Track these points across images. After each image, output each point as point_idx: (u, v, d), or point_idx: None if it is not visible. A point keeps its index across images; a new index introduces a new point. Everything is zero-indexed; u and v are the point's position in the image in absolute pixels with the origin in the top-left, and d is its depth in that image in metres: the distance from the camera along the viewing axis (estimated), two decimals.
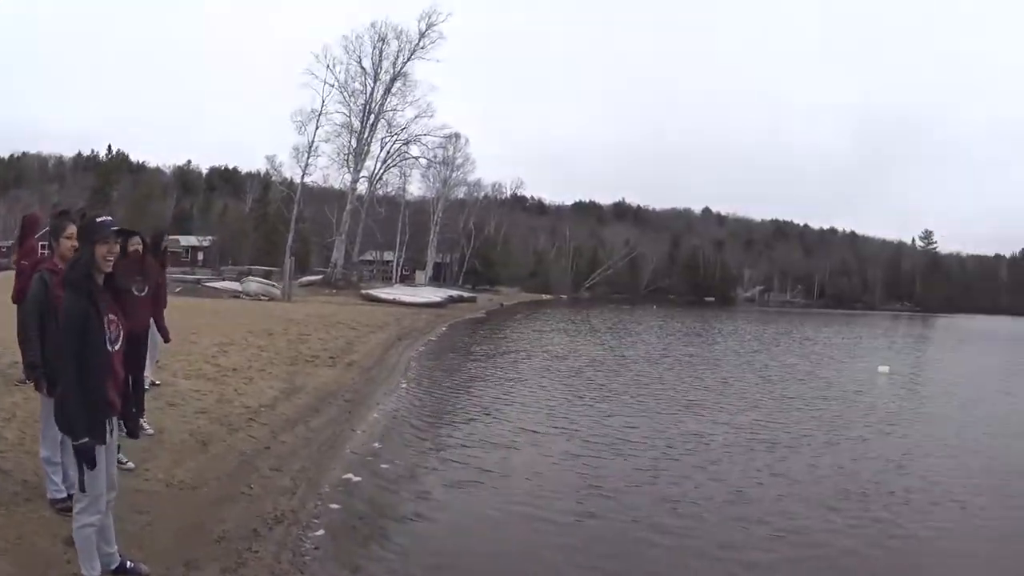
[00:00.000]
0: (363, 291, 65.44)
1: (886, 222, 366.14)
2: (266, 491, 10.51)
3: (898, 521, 11.15)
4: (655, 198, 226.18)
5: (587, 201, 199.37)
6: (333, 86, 73.85)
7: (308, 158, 73.34)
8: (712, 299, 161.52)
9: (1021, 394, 27.42)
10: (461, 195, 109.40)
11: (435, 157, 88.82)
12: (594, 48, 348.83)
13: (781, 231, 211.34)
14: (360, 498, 11.14)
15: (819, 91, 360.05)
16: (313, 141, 73.06)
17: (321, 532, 9.49)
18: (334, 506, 10.59)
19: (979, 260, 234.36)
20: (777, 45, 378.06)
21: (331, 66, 74.31)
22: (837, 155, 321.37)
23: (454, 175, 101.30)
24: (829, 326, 76.50)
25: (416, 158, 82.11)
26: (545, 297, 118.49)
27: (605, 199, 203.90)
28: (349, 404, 17.68)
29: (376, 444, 14.47)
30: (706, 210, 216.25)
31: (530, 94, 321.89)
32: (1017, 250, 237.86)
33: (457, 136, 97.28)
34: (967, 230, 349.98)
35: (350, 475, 12.17)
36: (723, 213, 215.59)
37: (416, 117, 77.44)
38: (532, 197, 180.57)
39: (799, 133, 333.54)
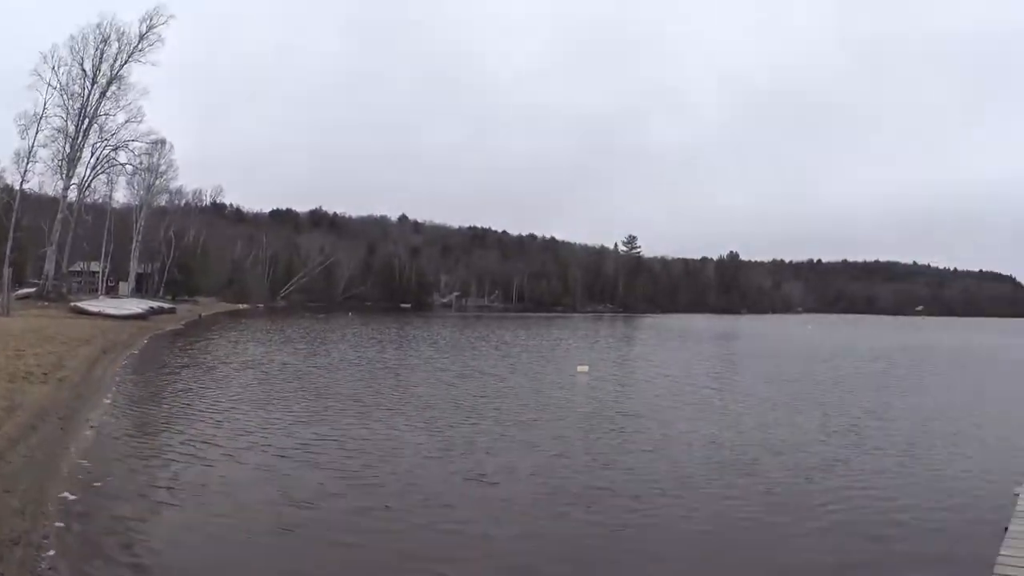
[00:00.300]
0: (72, 304, 62.30)
1: (589, 229, 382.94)
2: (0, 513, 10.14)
3: (604, 514, 11.53)
4: (352, 206, 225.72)
5: (284, 209, 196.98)
6: (56, 88, 70.22)
7: (27, 164, 69.50)
8: (408, 305, 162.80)
9: (712, 386, 29.11)
10: (163, 203, 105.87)
11: (141, 163, 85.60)
12: (290, 54, 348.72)
13: (479, 237, 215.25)
14: (80, 517, 10.70)
15: (526, 100, 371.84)
16: (33, 146, 69.24)
17: (52, 552, 9.16)
18: (59, 524, 10.18)
19: (685, 263, 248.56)
20: (493, 47, 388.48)
21: (56, 67, 70.43)
22: (541, 163, 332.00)
23: (157, 182, 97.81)
24: (527, 329, 78.32)
25: (123, 164, 78.96)
26: (242, 307, 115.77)
27: (302, 206, 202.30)
28: (62, 421, 16.68)
29: (86, 462, 13.67)
30: (403, 217, 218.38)
31: (228, 100, 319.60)
32: (724, 253, 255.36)
33: (163, 142, 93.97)
34: (673, 235, 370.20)
35: (67, 494, 11.65)
36: (420, 220, 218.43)
37: (126, 122, 74.35)
38: (231, 205, 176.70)
39: (502, 140, 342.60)
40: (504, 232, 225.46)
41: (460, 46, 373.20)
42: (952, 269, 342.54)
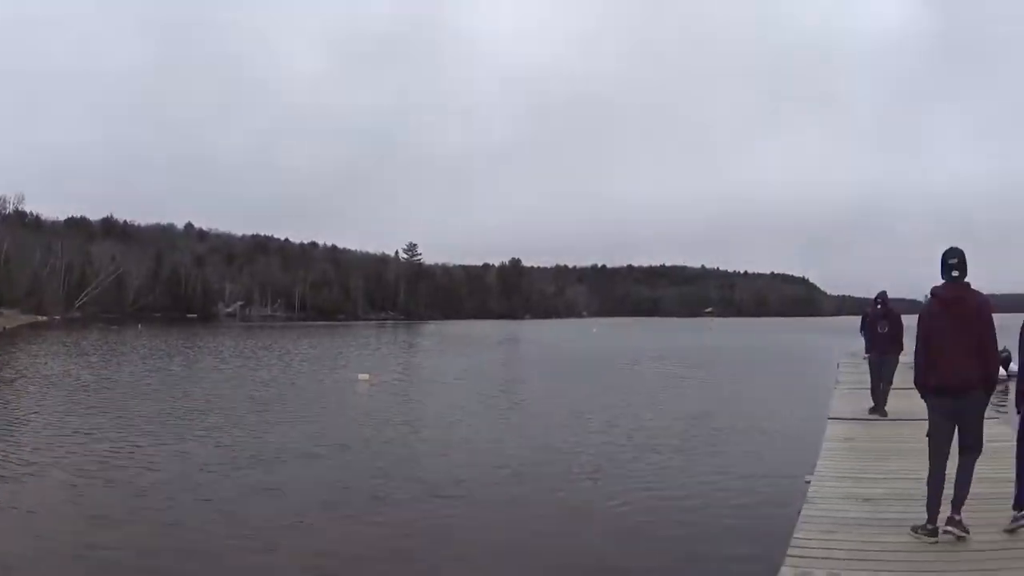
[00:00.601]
0: None
1: (371, 236, 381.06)
2: None
3: (388, 522, 11.42)
4: (142, 213, 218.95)
5: (79, 217, 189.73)
6: None
7: None
8: (195, 316, 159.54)
9: (495, 391, 29.55)
10: None
11: None
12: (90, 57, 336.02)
13: (262, 246, 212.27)
14: None
15: (311, 104, 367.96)
16: None
17: None
18: None
19: (466, 269, 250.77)
20: (276, 50, 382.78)
21: None
22: (324, 169, 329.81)
23: None
24: (309, 338, 78.00)
25: None
26: (41, 319, 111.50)
27: (97, 214, 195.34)
28: None
29: None
30: (188, 225, 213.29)
31: (32, 102, 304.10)
32: (506, 260, 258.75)
33: None
34: (455, 241, 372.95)
35: None
36: (205, 228, 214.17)
37: None
38: (31, 213, 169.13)
39: (287, 146, 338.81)
40: (287, 240, 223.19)
41: (244, 49, 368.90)
42: (743, 272, 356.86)
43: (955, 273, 7.36)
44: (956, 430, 7.38)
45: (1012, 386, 18.88)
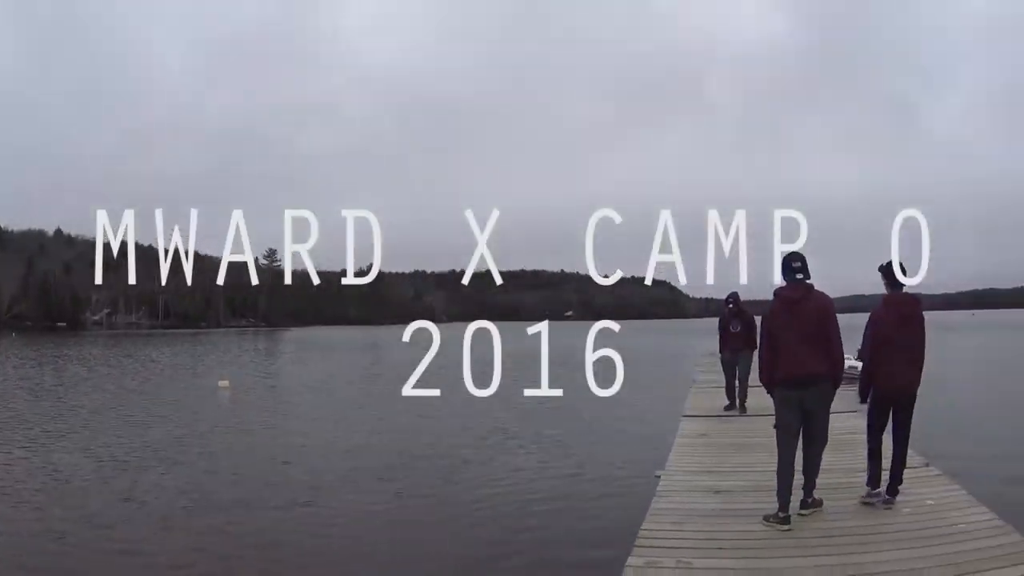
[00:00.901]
0: None
1: (234, 242, 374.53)
2: None
3: (251, 525, 11.42)
4: (13, 219, 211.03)
5: None
6: None
7: None
8: (64, 324, 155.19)
9: (354, 395, 29.89)
10: None
11: None
12: None
13: (126, 252, 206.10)
14: None
15: (178, 107, 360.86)
16: None
17: None
18: None
19: (326, 275, 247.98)
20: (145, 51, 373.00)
21: None
22: (189, 172, 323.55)
23: None
24: (171, 346, 76.79)
25: None
26: None
27: None
28: None
29: None
30: (58, 231, 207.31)
31: None
32: (365, 266, 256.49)
33: None
34: (317, 247, 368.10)
35: None
36: (73, 235, 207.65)
37: None
38: None
39: (155, 149, 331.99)
40: (150, 247, 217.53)
41: (116, 49, 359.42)
42: (604, 275, 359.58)
43: (799, 275, 7.82)
44: (803, 422, 7.78)
45: None
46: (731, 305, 16.00)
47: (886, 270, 8.37)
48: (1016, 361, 45.50)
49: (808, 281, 7.87)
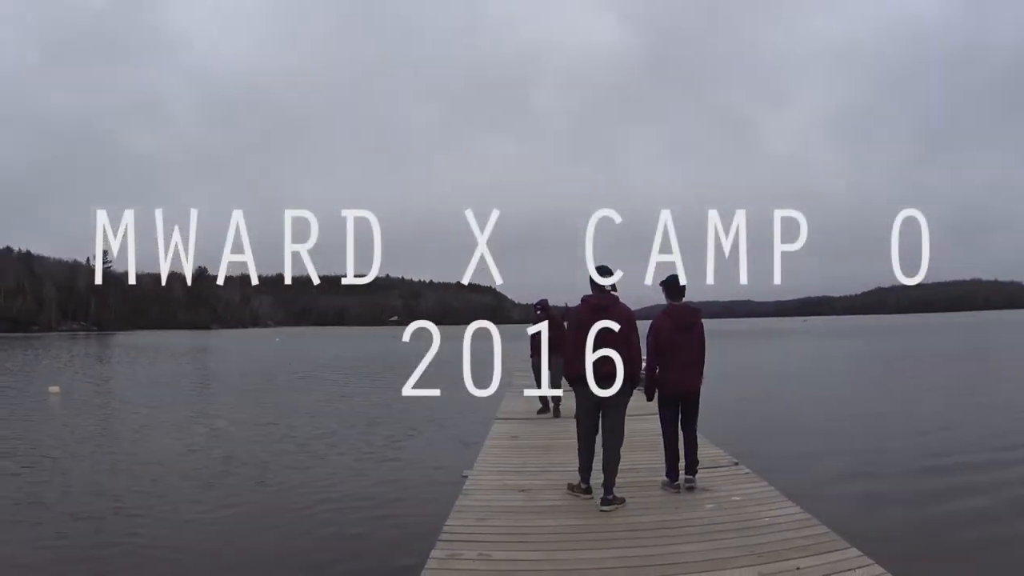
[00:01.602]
0: None
1: (60, 242, 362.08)
2: None
3: (91, 533, 10.89)
4: None
5: None
6: None
7: None
8: None
9: (184, 402, 28.89)
10: None
11: None
12: None
13: None
14: None
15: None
16: None
17: None
18: None
19: (155, 278, 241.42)
20: None
21: None
22: (8, 170, 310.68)
23: None
24: (5, 351, 74.05)
25: None
26: None
27: None
28: None
29: None
30: None
31: None
32: (193, 268, 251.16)
33: None
34: (145, 248, 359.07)
35: None
36: None
37: None
38: None
39: None
40: None
41: None
42: (428, 281, 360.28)
43: (606, 285, 8.52)
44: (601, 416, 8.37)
45: None
46: (539, 311, 16.10)
47: (667, 283, 9.07)
48: (830, 364, 47.49)
49: (614, 292, 8.58)
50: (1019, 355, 48.82)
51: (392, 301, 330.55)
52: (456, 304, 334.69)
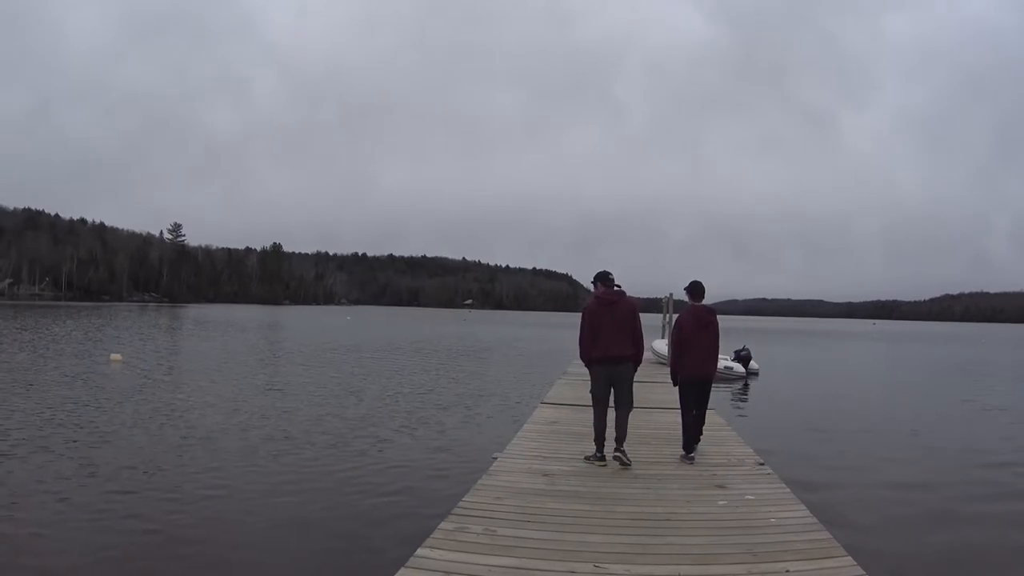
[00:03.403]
0: None
1: (135, 214, 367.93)
2: None
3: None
4: None
5: None
6: None
7: None
8: None
9: (246, 375, 28.98)
10: None
11: None
12: None
13: (33, 220, 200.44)
14: None
15: (91, 76, 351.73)
16: None
17: None
18: None
19: (229, 252, 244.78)
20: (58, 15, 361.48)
21: None
22: (91, 144, 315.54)
23: None
24: (74, 319, 74.32)
25: None
26: None
27: None
28: None
29: None
30: None
31: None
32: (268, 244, 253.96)
33: None
34: (220, 223, 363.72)
35: None
36: None
37: None
38: None
39: (64, 117, 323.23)
40: (57, 216, 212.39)
41: (20, 10, 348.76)
42: (504, 266, 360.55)
43: (616, 285, 10.29)
44: (612, 391, 10.07)
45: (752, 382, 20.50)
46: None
47: (691, 288, 10.85)
48: (897, 370, 46.18)
49: (620, 288, 10.30)
50: None
51: (467, 284, 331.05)
52: (531, 291, 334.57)
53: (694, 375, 10.49)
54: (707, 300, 10.82)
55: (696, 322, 10.52)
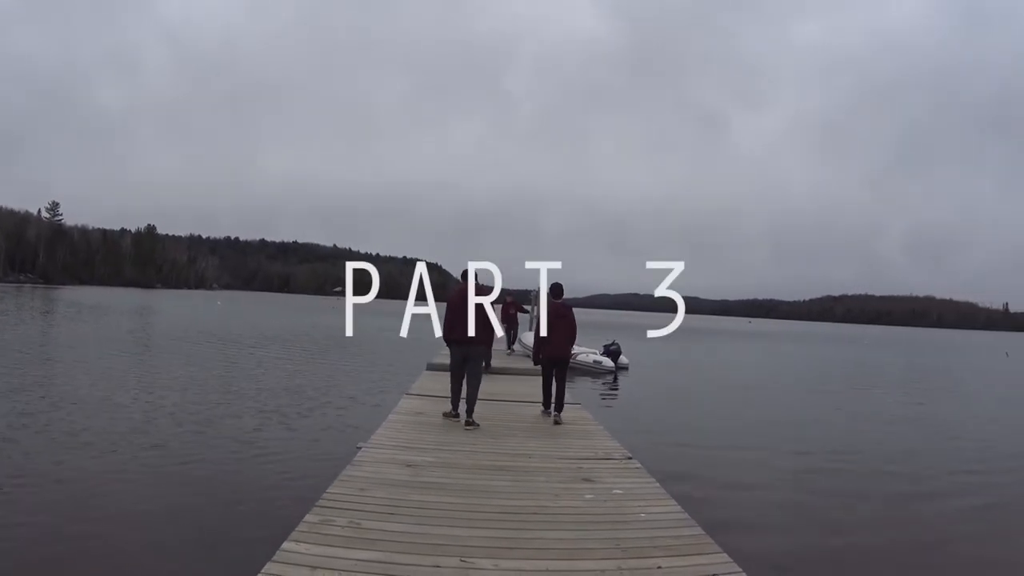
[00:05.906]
0: None
1: (14, 191, 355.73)
2: None
3: None
4: None
5: None
6: None
7: None
8: None
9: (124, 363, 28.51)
10: None
11: None
12: None
13: None
14: None
15: None
16: None
17: None
18: None
19: (104, 233, 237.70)
20: None
21: None
22: None
23: None
24: None
25: None
26: None
27: None
28: None
29: None
30: None
31: None
32: (143, 225, 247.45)
33: None
34: (98, 203, 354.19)
35: None
36: None
37: None
38: None
39: None
40: None
41: None
42: (375, 254, 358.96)
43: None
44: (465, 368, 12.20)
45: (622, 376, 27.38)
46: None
47: (552, 289, 13.51)
48: (767, 367, 47.52)
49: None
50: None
51: (339, 272, 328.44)
52: (401, 280, 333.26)
53: (552, 355, 13.19)
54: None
55: (555, 314, 13.10)
